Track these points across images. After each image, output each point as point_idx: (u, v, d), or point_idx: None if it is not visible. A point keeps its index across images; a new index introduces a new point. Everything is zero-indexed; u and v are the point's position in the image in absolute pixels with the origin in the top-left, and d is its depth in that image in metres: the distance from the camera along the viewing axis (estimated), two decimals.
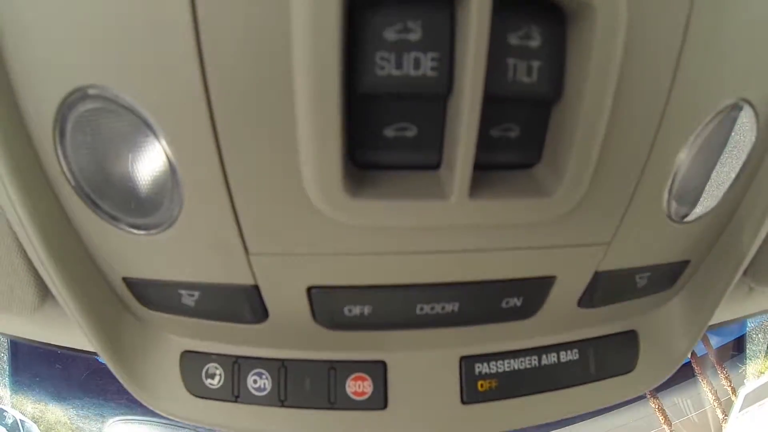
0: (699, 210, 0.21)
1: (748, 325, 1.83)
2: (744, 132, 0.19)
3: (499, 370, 0.23)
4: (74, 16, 0.14)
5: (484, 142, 0.14)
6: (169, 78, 0.14)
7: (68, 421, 2.37)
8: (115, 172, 0.17)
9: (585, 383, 0.25)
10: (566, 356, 0.24)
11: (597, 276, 0.21)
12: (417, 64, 0.13)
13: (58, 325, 0.31)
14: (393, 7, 0.12)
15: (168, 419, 0.26)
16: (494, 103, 0.13)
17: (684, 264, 0.24)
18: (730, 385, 1.94)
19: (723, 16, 0.16)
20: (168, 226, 0.18)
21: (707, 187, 0.20)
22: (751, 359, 1.83)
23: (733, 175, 0.20)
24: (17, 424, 2.29)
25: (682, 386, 1.96)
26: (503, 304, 0.20)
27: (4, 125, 0.17)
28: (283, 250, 0.17)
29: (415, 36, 0.13)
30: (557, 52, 0.14)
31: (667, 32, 0.15)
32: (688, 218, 0.21)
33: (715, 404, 1.85)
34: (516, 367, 0.24)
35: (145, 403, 0.25)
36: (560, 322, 0.23)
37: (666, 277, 0.24)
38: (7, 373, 2.09)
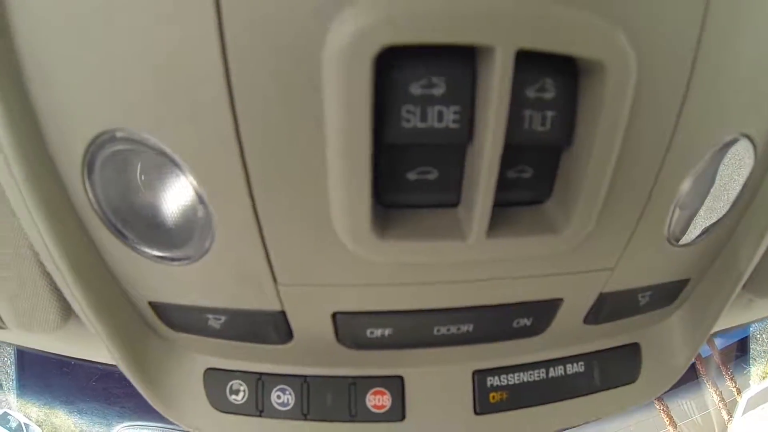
0: (699, 234, 0.22)
1: (752, 327, 1.84)
2: (742, 163, 0.21)
3: (510, 383, 0.25)
4: (101, 62, 0.15)
5: (499, 182, 0.15)
6: (200, 123, 0.15)
7: (72, 425, 2.39)
8: (144, 207, 0.18)
9: (590, 393, 0.26)
10: (572, 368, 0.26)
11: (601, 297, 0.22)
12: (440, 117, 0.14)
13: (81, 340, 0.32)
14: (419, 63, 0.13)
15: (175, 426, 0.27)
16: (509, 148, 0.15)
17: (684, 282, 0.26)
18: (735, 387, 1.94)
19: (725, 62, 0.17)
20: (198, 258, 0.18)
21: (705, 215, 0.21)
22: (755, 360, 1.84)
23: (730, 202, 0.22)
24: (21, 427, 2.30)
25: (687, 388, 1.96)
26: (514, 324, 0.22)
27: (30, 158, 0.17)
28: (311, 282, 0.19)
29: (438, 90, 0.14)
30: (570, 103, 0.15)
31: (672, 81, 0.16)
32: (689, 242, 0.22)
33: (720, 405, 1.86)
34: (525, 380, 0.25)
35: (170, 419, 0.26)
36: (567, 338, 0.25)
37: (667, 294, 0.25)
38: (13, 377, 2.11)
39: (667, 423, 1.96)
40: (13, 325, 0.26)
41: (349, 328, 0.21)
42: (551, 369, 0.25)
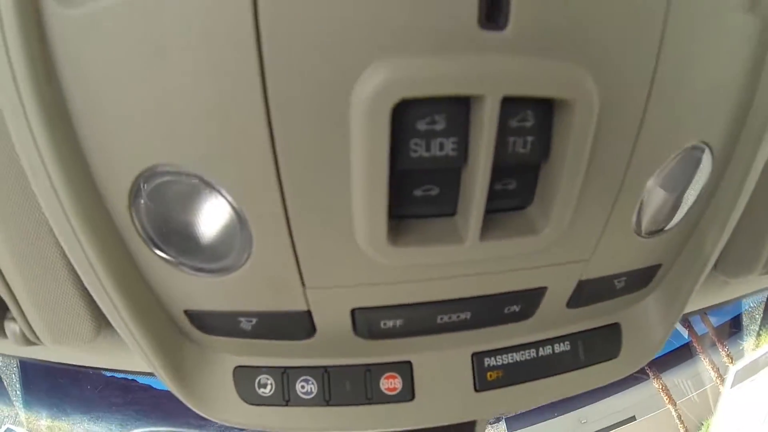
0: (663, 226, 0.26)
1: (746, 304, 1.89)
2: (701, 167, 0.24)
3: (504, 362, 0.28)
4: (151, 106, 0.17)
5: (488, 194, 0.18)
6: (243, 157, 0.18)
7: None
8: (186, 228, 0.20)
9: (576, 369, 0.29)
10: (559, 347, 0.29)
11: (580, 284, 0.26)
12: (441, 147, 0.17)
13: (110, 352, 0.35)
14: (424, 105, 0.16)
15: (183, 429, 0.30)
16: (496, 166, 0.18)
17: (656, 267, 0.29)
18: (732, 363, 2.00)
19: (678, 85, 0.20)
20: (236, 269, 0.21)
21: (669, 210, 0.25)
22: (750, 335, 1.89)
23: (691, 200, 0.25)
24: None
25: (683, 367, 2.01)
26: (505, 311, 0.25)
27: (77, 186, 0.19)
28: (334, 284, 0.22)
29: (440, 126, 0.17)
30: (546, 129, 0.18)
31: (632, 104, 0.19)
32: (654, 233, 0.26)
33: (718, 381, 1.91)
34: (518, 359, 0.28)
35: (204, 414, 0.28)
36: (553, 320, 0.28)
37: (641, 279, 0.29)
38: (19, 392, 2.11)
39: (667, 401, 2.01)
40: (47, 340, 0.29)
41: (366, 321, 0.24)
42: (540, 349, 0.29)
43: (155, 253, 0.21)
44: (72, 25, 0.17)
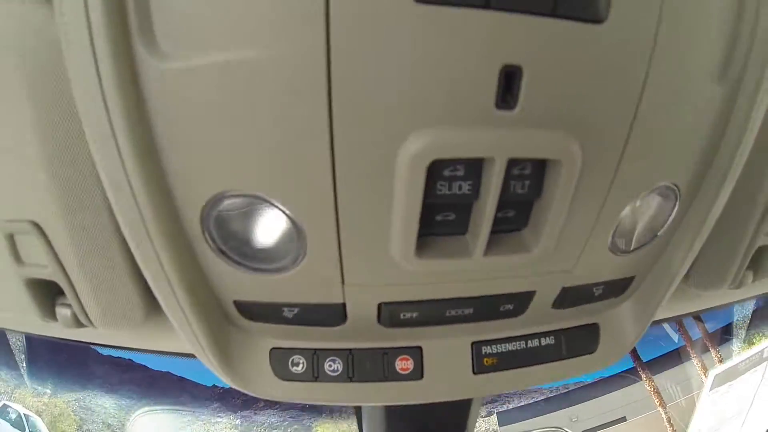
0: (635, 246, 0.31)
1: (740, 311, 1.95)
2: (669, 202, 0.29)
3: (499, 351, 0.34)
4: (230, 141, 0.21)
5: (492, 220, 0.24)
6: (308, 186, 0.22)
7: (72, 413, 2.43)
8: (250, 237, 0.25)
9: (559, 360, 0.35)
10: (545, 341, 0.34)
11: (564, 290, 0.31)
12: (460, 187, 0.23)
13: (153, 335, 0.39)
14: (447, 165, 0.22)
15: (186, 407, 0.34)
16: (500, 201, 0.23)
17: (630, 279, 0.34)
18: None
19: (651, 139, 0.25)
20: (288, 271, 0.26)
21: (640, 235, 0.30)
22: (741, 341, 1.95)
23: (659, 228, 0.30)
24: (21, 418, 2.33)
25: (674, 371, 2.07)
26: (501, 309, 0.31)
27: (156, 199, 0.22)
28: (368, 283, 0.27)
29: (459, 173, 0.22)
30: (540, 176, 0.24)
31: (609, 157, 0.24)
32: (627, 252, 0.31)
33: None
34: (510, 349, 0.34)
35: (242, 389, 0.32)
36: (540, 318, 0.34)
37: (617, 288, 0.34)
38: (24, 367, 2.15)
39: (657, 404, 2.08)
40: (99, 323, 0.32)
41: (389, 313, 0.30)
42: (529, 341, 0.34)
43: (217, 256, 0.26)
44: (166, 77, 0.20)
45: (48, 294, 0.32)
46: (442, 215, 0.25)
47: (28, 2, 0.22)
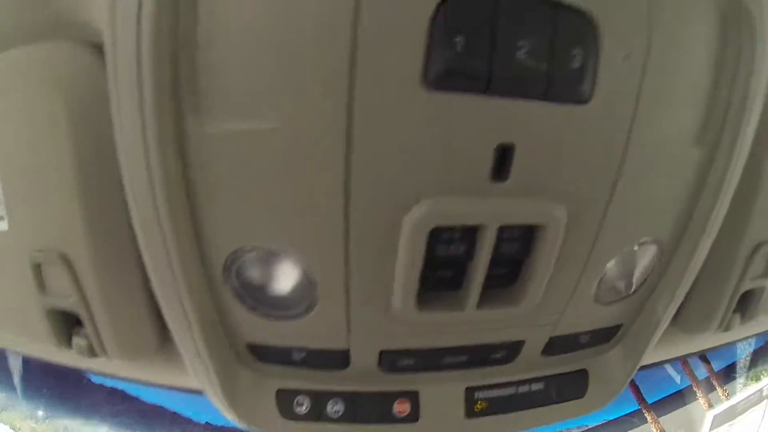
0: (619, 298, 0.34)
1: (744, 349, 1.94)
2: (650, 256, 0.32)
3: (490, 396, 0.36)
4: (253, 203, 0.24)
5: (485, 276, 0.27)
6: (322, 243, 0.25)
7: None
8: (269, 287, 0.27)
9: (549, 404, 0.37)
10: (536, 387, 0.37)
11: (552, 339, 0.34)
12: (457, 248, 0.26)
13: (163, 369, 0.40)
14: (445, 229, 0.25)
15: None
16: (492, 260, 0.26)
17: (618, 327, 0.37)
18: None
19: (634, 200, 0.27)
20: (300, 317, 0.28)
21: (624, 286, 0.33)
22: (745, 380, 1.94)
23: (640, 282, 0.33)
24: None
25: (678, 414, 2.05)
26: (493, 356, 0.34)
27: (186, 249, 0.25)
28: (372, 331, 0.30)
29: (456, 237, 0.26)
30: (526, 241, 0.27)
31: (592, 219, 0.27)
32: (612, 303, 0.34)
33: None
34: (501, 394, 0.36)
35: (247, 426, 0.34)
36: (531, 365, 0.36)
37: (603, 335, 0.37)
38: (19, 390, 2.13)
39: None
40: (114, 352, 0.33)
41: (389, 360, 0.32)
42: (520, 387, 0.37)
43: (238, 302, 0.29)
44: (204, 138, 0.23)
45: (66, 323, 0.33)
46: (439, 272, 0.28)
47: (79, 47, 0.25)
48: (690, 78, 0.26)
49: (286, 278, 0.28)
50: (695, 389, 2.16)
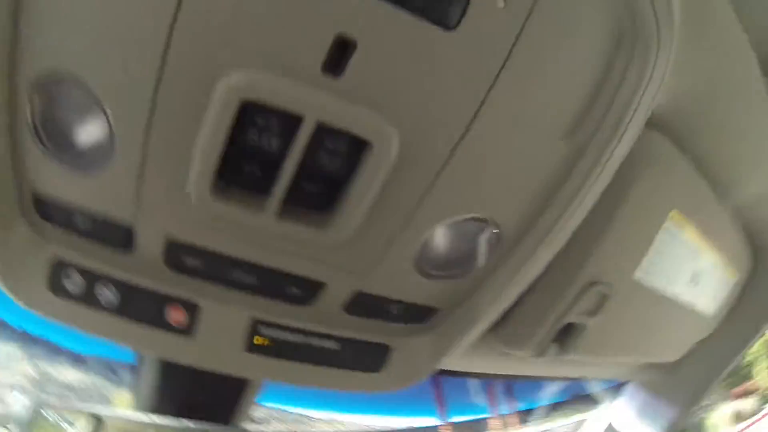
0: (442, 274, 0.33)
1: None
2: (483, 238, 0.31)
3: (276, 336, 0.33)
4: (78, 13, 0.22)
5: (298, 189, 0.25)
6: (130, 83, 0.23)
7: None
8: (68, 127, 0.25)
9: (338, 368, 0.35)
10: (329, 344, 0.35)
11: (358, 293, 0.32)
12: (269, 141, 0.24)
13: None
14: (266, 110, 0.23)
15: None
16: (311, 173, 0.25)
17: (432, 310, 0.36)
18: None
19: (482, 164, 0.26)
20: (92, 169, 0.26)
21: (450, 263, 0.32)
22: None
23: (473, 263, 0.32)
24: None
25: None
26: (287, 291, 0.31)
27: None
28: (161, 210, 0.27)
29: (272, 126, 0.24)
30: (351, 163, 0.25)
31: (430, 164, 0.26)
32: (431, 277, 0.32)
33: None
34: (289, 339, 0.34)
35: (10, 295, 0.30)
36: (331, 320, 0.34)
37: (416, 313, 0.36)
38: None
39: None
40: None
41: (175, 254, 0.29)
42: (312, 339, 0.34)
43: (34, 138, 0.26)
44: None
45: None
46: (249, 167, 0.25)
47: None
48: (571, 66, 0.26)
49: (88, 123, 0.25)
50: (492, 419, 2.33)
